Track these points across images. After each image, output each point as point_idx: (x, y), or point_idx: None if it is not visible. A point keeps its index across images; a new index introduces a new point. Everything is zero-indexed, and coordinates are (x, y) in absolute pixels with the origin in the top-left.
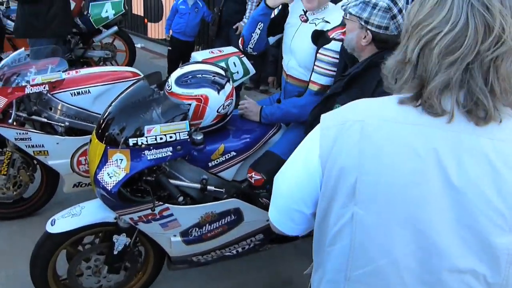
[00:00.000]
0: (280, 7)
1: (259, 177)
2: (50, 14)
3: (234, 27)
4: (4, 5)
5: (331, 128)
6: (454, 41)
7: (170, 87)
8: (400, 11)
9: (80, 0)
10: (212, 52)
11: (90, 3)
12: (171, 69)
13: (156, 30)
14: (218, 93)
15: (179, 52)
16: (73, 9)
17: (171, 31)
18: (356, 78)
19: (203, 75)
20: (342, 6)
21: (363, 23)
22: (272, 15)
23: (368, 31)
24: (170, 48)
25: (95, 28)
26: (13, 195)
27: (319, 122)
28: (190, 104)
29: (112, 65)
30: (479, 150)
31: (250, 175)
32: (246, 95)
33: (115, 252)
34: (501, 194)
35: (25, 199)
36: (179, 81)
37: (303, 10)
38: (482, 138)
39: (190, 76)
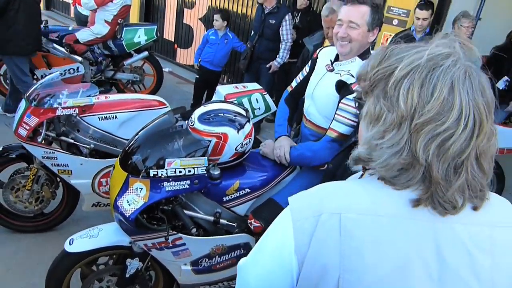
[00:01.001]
0: (309, 64)
1: (258, 224)
2: (11, 32)
3: (267, 65)
4: (43, 24)
5: (305, 221)
6: (465, 140)
7: (193, 123)
8: None
9: (114, 24)
10: (236, 87)
11: (124, 28)
12: (196, 96)
13: (185, 56)
14: (238, 132)
15: (205, 81)
16: (107, 33)
17: (200, 60)
18: None
19: (224, 114)
20: None
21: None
22: (304, 73)
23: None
24: (197, 76)
25: (127, 51)
26: (34, 210)
27: (342, 169)
28: (210, 141)
29: (140, 88)
30: (455, 237)
31: (250, 221)
32: (267, 127)
33: (127, 275)
34: (480, 280)
35: (46, 214)
36: (202, 118)
37: (330, 60)
38: (457, 225)
39: (213, 114)
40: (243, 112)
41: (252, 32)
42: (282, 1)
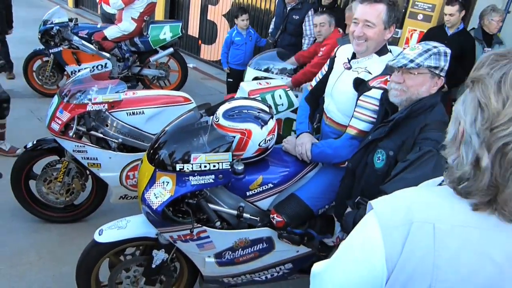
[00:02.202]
0: (328, 62)
1: (280, 219)
2: None
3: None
4: (73, 22)
5: (394, 229)
6: None
7: (217, 119)
8: None
9: (141, 21)
10: (260, 83)
11: (150, 25)
12: (229, 87)
13: (209, 52)
14: (261, 128)
15: (239, 81)
16: (134, 30)
17: (228, 64)
18: (399, 123)
19: (248, 111)
20: (398, 65)
21: (437, 72)
22: (323, 72)
23: (441, 77)
24: (230, 80)
25: (153, 48)
26: (65, 201)
27: (361, 167)
28: (234, 136)
29: (165, 83)
30: None
31: (272, 216)
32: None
33: (153, 266)
34: None
35: (76, 205)
36: (226, 115)
37: (347, 58)
38: None
39: (237, 111)
40: (267, 109)
41: (271, 27)
42: None
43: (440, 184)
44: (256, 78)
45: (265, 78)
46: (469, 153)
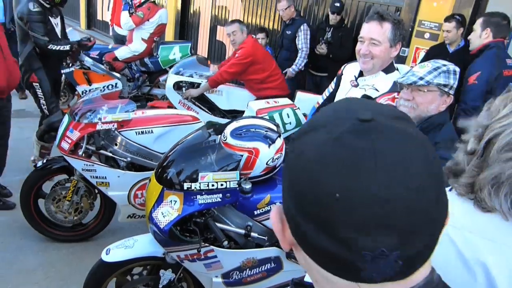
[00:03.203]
0: (335, 80)
1: None
2: None
3: (283, 72)
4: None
5: None
6: None
7: (225, 138)
8: None
9: (150, 42)
10: (267, 102)
11: (160, 46)
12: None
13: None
14: (269, 147)
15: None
16: (144, 50)
17: None
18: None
19: (256, 130)
20: (407, 82)
21: (447, 89)
22: (330, 89)
23: (450, 95)
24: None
25: (162, 68)
26: (73, 220)
27: None
28: (242, 155)
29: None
30: None
31: None
32: None
33: (160, 286)
34: None
35: (84, 224)
36: (234, 133)
37: (354, 76)
38: None
39: (245, 130)
40: (274, 128)
41: None
42: (302, 14)
43: (450, 190)
44: (178, 83)
45: (187, 82)
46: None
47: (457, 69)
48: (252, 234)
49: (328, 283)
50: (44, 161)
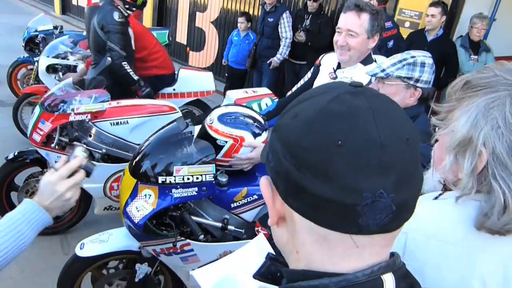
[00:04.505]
0: (312, 70)
1: (265, 232)
2: None
3: (268, 62)
4: (58, 30)
5: None
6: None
7: (212, 121)
8: None
9: None
10: (246, 92)
11: None
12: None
13: (197, 58)
14: (255, 138)
15: (232, 79)
16: None
17: (227, 60)
18: None
19: (245, 118)
20: (370, 73)
21: (412, 82)
22: (306, 79)
23: (417, 88)
24: (226, 74)
25: None
26: None
27: None
28: (226, 141)
29: None
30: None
31: (257, 229)
32: None
33: (136, 280)
34: None
35: (59, 217)
36: (222, 119)
37: (333, 68)
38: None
39: (233, 117)
40: (262, 120)
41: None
42: (282, 1)
43: (436, 198)
44: (51, 66)
45: (62, 65)
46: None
47: (428, 61)
48: (229, 227)
49: (317, 243)
50: (16, 153)
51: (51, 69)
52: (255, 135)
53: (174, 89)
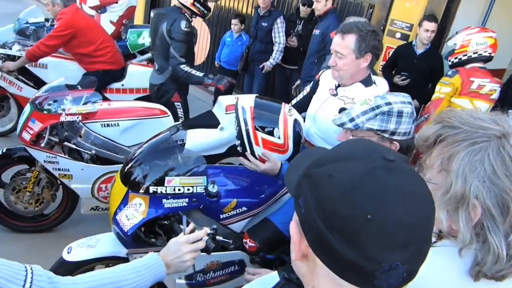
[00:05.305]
0: (311, 85)
1: (253, 244)
2: None
3: (260, 66)
4: (50, 22)
5: None
6: None
7: (291, 114)
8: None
9: (119, 25)
10: (237, 98)
11: (129, 29)
12: (217, 94)
13: None
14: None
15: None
16: (112, 33)
17: (220, 61)
18: None
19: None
20: (337, 122)
21: (387, 135)
22: (305, 93)
23: (394, 142)
24: (217, 75)
25: (131, 52)
26: (34, 211)
27: None
28: (279, 138)
29: None
30: None
31: (245, 240)
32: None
33: None
34: None
35: (45, 215)
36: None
37: (335, 85)
38: None
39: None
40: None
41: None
42: (276, 4)
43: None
44: None
45: (4, 54)
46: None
47: (406, 109)
48: (217, 237)
49: (331, 285)
50: (4, 150)
51: None
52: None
53: (122, 85)
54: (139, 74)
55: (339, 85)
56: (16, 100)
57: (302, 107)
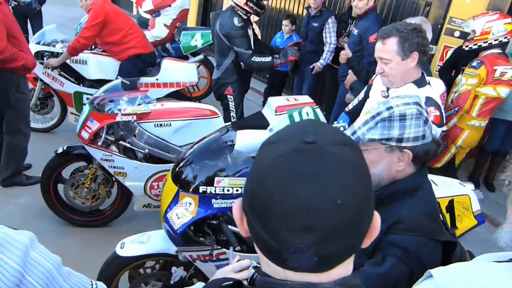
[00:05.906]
0: (365, 89)
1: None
2: None
3: (310, 66)
4: None
5: None
6: None
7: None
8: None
9: (173, 28)
10: (287, 99)
11: (182, 31)
12: (267, 95)
13: None
14: None
15: (273, 80)
16: (166, 36)
17: None
18: (383, 200)
19: None
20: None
21: (394, 143)
22: (360, 97)
23: (404, 150)
24: (268, 76)
25: (184, 54)
26: (90, 206)
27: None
28: None
29: (194, 89)
30: None
31: None
32: None
33: (172, 282)
34: None
35: (100, 210)
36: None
37: (386, 87)
38: None
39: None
40: None
41: None
42: (327, 5)
43: (510, 260)
44: (40, 53)
45: (49, 52)
46: None
47: (409, 110)
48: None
49: (267, 265)
50: (65, 147)
51: (40, 56)
52: None
53: (157, 79)
54: (172, 68)
55: None
56: (60, 97)
57: (358, 110)
